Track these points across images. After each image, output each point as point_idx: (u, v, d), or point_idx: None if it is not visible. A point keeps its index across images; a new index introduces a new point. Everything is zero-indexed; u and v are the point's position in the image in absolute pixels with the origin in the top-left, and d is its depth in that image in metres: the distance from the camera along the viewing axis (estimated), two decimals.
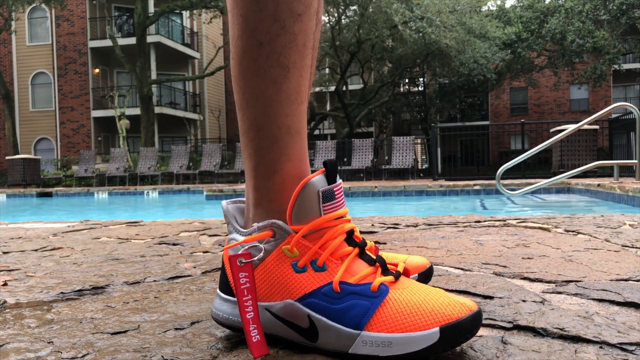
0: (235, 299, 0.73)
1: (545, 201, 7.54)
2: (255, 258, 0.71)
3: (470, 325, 0.64)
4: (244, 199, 0.80)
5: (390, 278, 0.69)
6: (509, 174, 10.79)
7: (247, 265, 0.70)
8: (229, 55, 0.76)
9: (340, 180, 0.74)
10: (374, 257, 0.72)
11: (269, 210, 0.73)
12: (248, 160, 0.75)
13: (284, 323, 0.70)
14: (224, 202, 0.80)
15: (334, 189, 0.72)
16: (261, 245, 0.71)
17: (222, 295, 0.76)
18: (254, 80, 0.71)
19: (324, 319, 0.67)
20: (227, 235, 0.78)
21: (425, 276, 0.95)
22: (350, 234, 0.73)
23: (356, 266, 0.70)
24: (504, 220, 2.29)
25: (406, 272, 0.74)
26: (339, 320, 0.67)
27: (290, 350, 0.70)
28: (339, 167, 14.58)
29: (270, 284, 0.71)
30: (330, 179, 0.72)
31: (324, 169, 0.71)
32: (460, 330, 0.63)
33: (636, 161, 6.31)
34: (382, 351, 0.64)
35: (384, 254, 0.97)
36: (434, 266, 1.27)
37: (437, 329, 0.63)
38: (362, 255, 0.72)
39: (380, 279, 0.69)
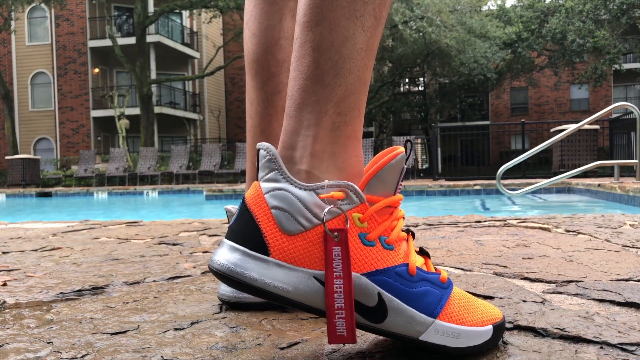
0: (269, 258, 0.63)
1: (546, 201, 7.54)
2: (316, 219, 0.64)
3: (505, 325, 0.71)
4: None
5: (445, 272, 0.71)
6: (509, 174, 10.79)
7: (343, 241, 0.62)
8: (229, 55, 0.74)
9: None
10: (423, 248, 0.72)
11: (330, 165, 0.67)
12: (313, 108, 0.67)
13: None
14: (266, 144, 0.68)
15: (404, 168, 0.69)
16: (329, 207, 0.63)
17: (246, 250, 0.64)
18: (344, 22, 0.66)
19: (398, 300, 0.64)
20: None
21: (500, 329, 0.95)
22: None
23: (412, 253, 0.69)
24: (504, 220, 2.29)
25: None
26: (413, 304, 0.64)
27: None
28: None
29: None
30: (407, 158, 0.69)
31: (404, 148, 0.68)
32: (502, 329, 0.69)
33: (636, 161, 6.31)
34: (451, 342, 0.64)
35: None
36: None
37: (490, 326, 0.67)
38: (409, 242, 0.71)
39: (445, 271, 0.70)
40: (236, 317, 0.87)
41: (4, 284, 1.18)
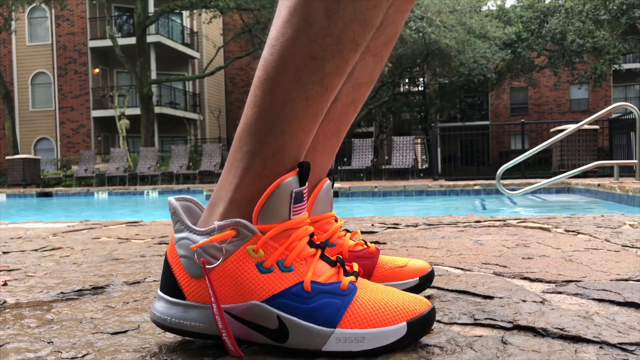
0: (185, 302, 0.71)
1: (545, 201, 7.54)
2: (215, 260, 0.70)
3: (430, 318, 0.70)
4: (190, 197, 0.78)
5: (352, 278, 0.71)
6: (509, 174, 10.79)
7: (206, 274, 0.69)
8: (229, 55, 0.75)
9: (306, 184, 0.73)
10: (334, 259, 0.74)
11: (245, 210, 0.71)
12: (242, 158, 0.71)
13: (247, 325, 0.69)
14: (171, 199, 0.76)
15: (303, 191, 0.72)
16: (222, 246, 0.69)
17: (168, 298, 0.72)
18: (287, 88, 0.69)
19: (295, 318, 0.68)
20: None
21: (426, 279, 0.95)
22: (311, 236, 0.74)
23: (320, 267, 0.72)
24: (504, 220, 2.29)
25: (359, 273, 0.76)
26: (311, 319, 0.67)
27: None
28: (339, 167, 14.58)
29: (231, 286, 0.69)
30: (302, 181, 0.71)
31: (297, 169, 0.71)
32: (423, 324, 0.69)
33: (636, 161, 6.31)
34: (355, 346, 0.66)
35: (386, 258, 0.97)
36: (434, 266, 1.27)
37: (404, 323, 0.67)
38: (323, 256, 0.73)
39: (347, 278, 0.71)
40: None
41: (5, 284, 1.18)
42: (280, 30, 0.69)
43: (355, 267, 0.76)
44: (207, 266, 0.69)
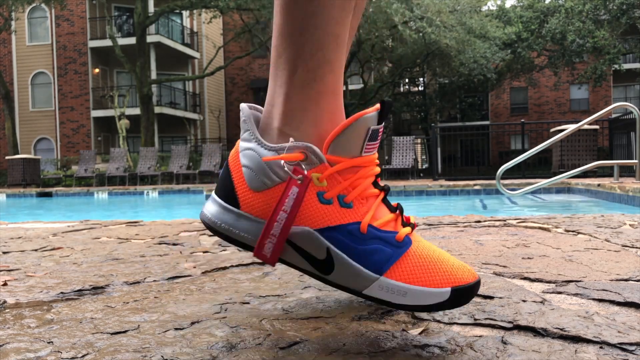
0: (239, 211, 0.71)
1: (545, 201, 7.54)
2: (275, 177, 0.69)
3: (474, 291, 0.68)
4: (259, 106, 0.76)
5: (408, 230, 0.70)
6: (509, 174, 10.79)
7: (303, 185, 0.67)
8: (229, 55, 0.75)
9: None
10: (399, 206, 0.72)
11: (302, 121, 0.69)
12: (284, 66, 0.69)
13: (295, 249, 0.69)
14: (244, 106, 0.74)
15: (379, 130, 0.70)
16: (286, 166, 0.68)
17: (223, 203, 0.72)
18: (310, 25, 0.67)
19: (345, 255, 0.67)
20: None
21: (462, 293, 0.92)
22: (377, 176, 0.72)
23: (380, 210, 0.70)
24: (504, 220, 2.29)
25: (414, 225, 0.74)
26: (360, 260, 0.67)
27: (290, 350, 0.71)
28: None
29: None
30: (380, 120, 0.69)
31: (379, 106, 0.68)
32: (466, 294, 0.67)
33: (636, 161, 6.32)
34: (396, 299, 0.66)
35: None
36: None
37: (449, 288, 0.66)
38: (384, 200, 0.72)
39: (404, 229, 0.70)
40: (236, 317, 0.87)
41: (5, 284, 1.18)
42: None
43: (412, 219, 0.73)
44: (307, 182, 0.67)
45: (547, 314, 0.82)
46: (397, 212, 0.71)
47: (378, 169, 0.72)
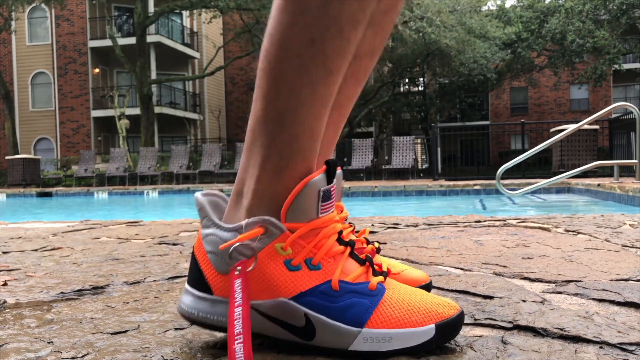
0: (213, 297, 0.72)
1: (545, 201, 7.54)
2: (242, 257, 0.69)
3: (458, 323, 0.69)
4: (216, 191, 0.77)
5: (381, 278, 0.72)
6: (509, 174, 10.78)
7: (242, 273, 0.67)
8: (229, 55, 0.76)
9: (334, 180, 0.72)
10: (363, 257, 0.73)
11: (270, 203, 0.71)
12: (258, 150, 0.71)
13: (273, 322, 0.69)
14: (198, 195, 0.75)
15: (331, 189, 0.71)
16: (252, 244, 0.69)
17: (196, 292, 0.73)
18: (291, 76, 0.68)
19: (323, 317, 0.68)
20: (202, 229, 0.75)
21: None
22: (340, 233, 0.73)
23: (349, 265, 0.72)
24: (504, 220, 2.29)
25: (387, 273, 0.75)
26: (339, 318, 0.68)
27: (289, 353, 0.70)
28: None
29: (258, 282, 0.69)
30: (330, 179, 0.71)
31: (325, 167, 0.70)
32: (451, 327, 0.68)
33: (636, 161, 6.31)
34: (383, 346, 0.67)
35: (383, 260, 0.95)
36: (434, 266, 1.27)
37: (433, 325, 0.67)
38: (352, 254, 0.73)
39: (375, 278, 0.71)
40: None
41: (5, 284, 1.18)
42: (277, 18, 0.68)
43: (385, 266, 0.75)
44: (239, 268, 0.68)
45: (547, 314, 0.82)
46: (367, 263, 0.73)
47: (340, 226, 0.74)
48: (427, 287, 0.92)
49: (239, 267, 0.68)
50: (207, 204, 0.75)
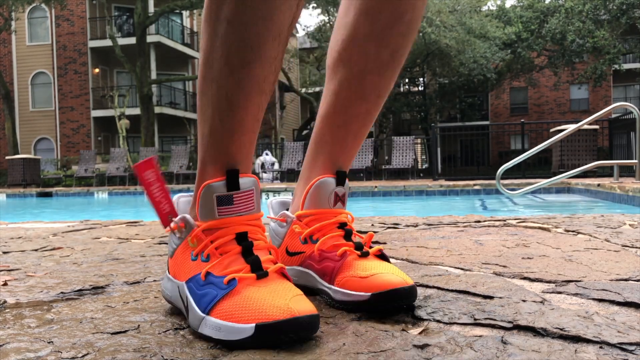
0: (168, 276, 0.89)
1: (545, 201, 7.54)
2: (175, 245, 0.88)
3: (285, 327, 0.70)
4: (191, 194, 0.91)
5: (251, 275, 0.77)
6: (509, 173, 10.78)
7: (155, 170, 0.88)
8: None
9: (251, 188, 0.82)
10: (254, 258, 0.80)
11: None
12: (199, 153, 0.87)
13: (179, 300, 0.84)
14: (175, 197, 0.93)
15: (234, 195, 0.81)
16: (177, 235, 0.86)
17: (169, 275, 0.89)
18: (203, 107, 0.83)
19: (191, 300, 0.79)
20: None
21: (381, 298, 0.82)
22: (243, 235, 0.81)
23: (232, 262, 0.79)
24: (504, 220, 2.29)
25: (281, 270, 0.81)
26: (197, 303, 0.78)
27: (291, 351, 0.71)
28: None
29: (178, 267, 0.85)
30: (232, 186, 0.81)
31: (224, 177, 0.81)
32: (272, 331, 0.70)
33: (636, 161, 6.32)
34: (215, 334, 0.74)
35: (360, 263, 0.89)
36: (434, 266, 1.27)
37: (253, 325, 0.70)
38: (244, 254, 0.80)
39: (237, 274, 0.77)
40: None
41: (5, 284, 1.19)
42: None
43: (273, 267, 0.80)
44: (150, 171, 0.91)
45: (547, 313, 0.83)
46: (250, 265, 0.79)
47: (243, 228, 0.82)
48: (389, 294, 0.82)
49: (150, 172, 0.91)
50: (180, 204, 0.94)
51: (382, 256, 0.94)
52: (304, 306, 0.72)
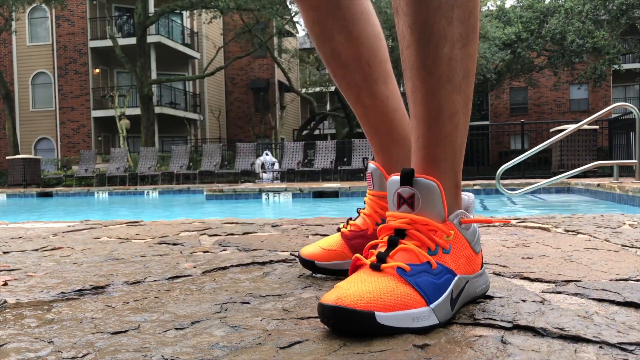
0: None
1: (545, 201, 7.54)
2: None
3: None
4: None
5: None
6: (508, 173, 10.79)
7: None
8: (229, 55, 0.78)
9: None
10: None
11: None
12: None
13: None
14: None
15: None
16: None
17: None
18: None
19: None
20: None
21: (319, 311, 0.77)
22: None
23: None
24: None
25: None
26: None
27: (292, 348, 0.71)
28: (338, 167, 14.57)
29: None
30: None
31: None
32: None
33: (636, 161, 6.32)
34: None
35: None
36: None
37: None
38: None
39: None
40: (236, 316, 0.87)
41: (5, 284, 1.19)
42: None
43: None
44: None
45: (546, 313, 0.83)
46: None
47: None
48: (321, 309, 0.76)
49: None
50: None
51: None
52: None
